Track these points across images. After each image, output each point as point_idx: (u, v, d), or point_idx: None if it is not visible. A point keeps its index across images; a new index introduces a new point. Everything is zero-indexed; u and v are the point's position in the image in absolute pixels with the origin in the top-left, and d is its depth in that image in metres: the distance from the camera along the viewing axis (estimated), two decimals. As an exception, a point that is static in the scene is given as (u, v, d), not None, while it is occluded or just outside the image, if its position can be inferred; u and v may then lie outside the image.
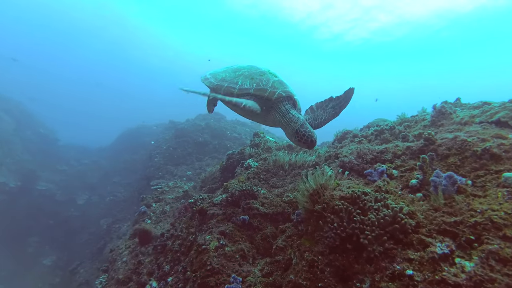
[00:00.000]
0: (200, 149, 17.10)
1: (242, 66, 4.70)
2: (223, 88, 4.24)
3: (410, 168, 3.52)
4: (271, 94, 3.91)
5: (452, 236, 2.34)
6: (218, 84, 4.40)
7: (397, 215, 2.54)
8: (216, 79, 4.53)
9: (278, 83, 4.09)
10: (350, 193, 2.94)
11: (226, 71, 4.68)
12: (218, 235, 4.60)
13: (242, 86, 4.08)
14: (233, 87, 4.14)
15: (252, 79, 4.12)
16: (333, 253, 2.79)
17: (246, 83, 4.10)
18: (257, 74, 4.22)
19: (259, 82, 4.06)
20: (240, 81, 4.16)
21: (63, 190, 17.24)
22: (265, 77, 4.16)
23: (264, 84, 4.02)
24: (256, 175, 6.41)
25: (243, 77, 4.22)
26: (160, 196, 9.63)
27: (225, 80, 4.36)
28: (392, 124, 5.07)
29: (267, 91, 3.94)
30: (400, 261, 2.35)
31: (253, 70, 4.40)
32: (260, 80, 4.08)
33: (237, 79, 4.23)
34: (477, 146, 3.12)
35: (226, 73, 4.55)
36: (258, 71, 4.34)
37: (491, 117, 3.49)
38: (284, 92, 3.97)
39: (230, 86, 4.19)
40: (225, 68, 5.07)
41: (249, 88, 4.01)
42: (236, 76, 4.33)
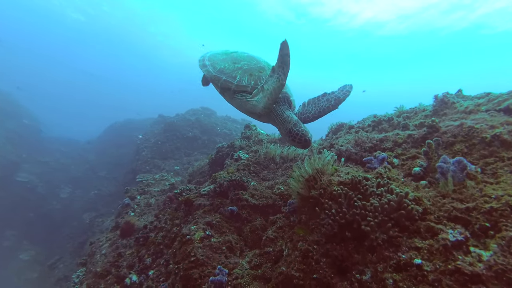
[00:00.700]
0: (189, 144, 16.74)
1: (242, 56, 4.58)
2: (220, 81, 4.13)
3: (412, 156, 3.30)
4: None
5: (464, 224, 2.10)
6: (216, 75, 4.27)
7: (403, 201, 2.29)
8: (215, 69, 4.39)
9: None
10: (350, 178, 2.69)
11: (226, 60, 4.51)
12: (204, 226, 4.30)
13: (240, 82, 3.98)
14: (231, 82, 4.03)
15: (251, 75, 4.01)
16: (330, 242, 2.53)
17: (244, 79, 3.99)
18: (256, 70, 4.10)
19: (257, 79, 3.94)
20: (239, 76, 4.04)
21: (45, 183, 16.59)
22: (264, 75, 4.04)
23: (262, 82, 3.87)
24: (246, 167, 6.13)
25: (242, 72, 4.09)
26: (146, 189, 9.25)
27: (223, 72, 4.22)
28: (391, 115, 4.86)
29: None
30: (406, 250, 2.10)
31: (253, 64, 4.27)
32: (258, 78, 3.96)
33: (236, 73, 4.10)
34: (485, 132, 2.91)
35: (225, 63, 4.39)
36: (257, 66, 4.21)
37: (499, 104, 3.29)
38: (281, 93, 3.89)
39: (228, 80, 4.07)
40: (223, 52, 4.89)
41: (247, 85, 3.92)
42: (235, 69, 4.18)
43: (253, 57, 4.56)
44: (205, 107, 22.49)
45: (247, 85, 3.91)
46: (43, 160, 18.42)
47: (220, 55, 4.79)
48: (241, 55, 4.68)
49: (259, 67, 4.21)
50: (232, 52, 4.89)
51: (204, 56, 4.96)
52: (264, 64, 4.36)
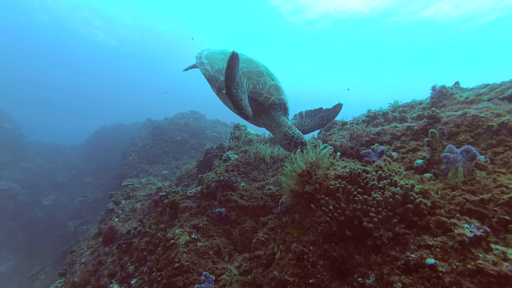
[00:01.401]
0: (178, 148, 16.34)
1: (241, 58, 4.43)
2: (218, 82, 4.09)
3: (412, 149, 3.07)
4: (266, 99, 3.92)
5: (479, 217, 1.85)
6: (213, 75, 4.22)
7: (408, 194, 2.04)
8: (213, 68, 4.34)
9: (274, 89, 4.08)
10: (348, 171, 2.43)
11: (224, 60, 4.41)
12: (190, 229, 3.98)
13: None
14: None
15: (249, 79, 4.02)
16: (328, 242, 2.25)
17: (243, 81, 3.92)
18: (255, 74, 4.11)
19: (256, 84, 3.98)
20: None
21: (27, 190, 15.92)
22: (262, 79, 4.09)
23: (261, 87, 3.98)
24: (235, 167, 5.84)
25: (241, 74, 3.98)
26: (131, 193, 8.84)
27: (222, 72, 4.11)
28: (386, 110, 4.66)
29: (262, 95, 3.92)
30: (415, 249, 1.84)
31: (252, 68, 4.27)
32: (257, 82, 4.00)
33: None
34: (491, 121, 2.70)
35: (223, 63, 4.29)
36: (256, 70, 4.22)
37: (502, 93, 3.10)
38: (278, 100, 4.00)
39: None
40: (221, 52, 4.82)
41: (246, 89, 3.86)
42: None
43: (252, 60, 4.52)
44: (194, 111, 22.12)
45: (246, 89, 3.85)
46: (25, 166, 17.73)
47: (218, 55, 4.71)
48: (241, 56, 4.56)
49: (258, 71, 4.20)
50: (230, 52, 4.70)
51: (201, 54, 4.88)
52: (263, 69, 4.35)
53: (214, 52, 4.86)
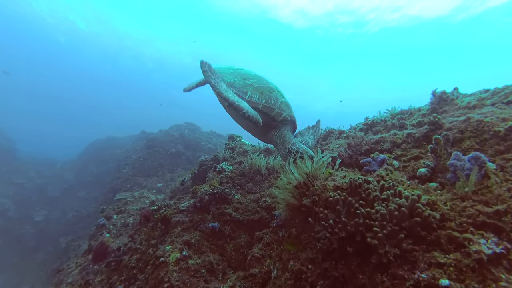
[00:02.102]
0: (173, 160, 16.08)
1: (250, 74, 4.61)
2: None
3: (414, 157, 2.90)
4: (278, 115, 3.92)
5: (495, 231, 1.67)
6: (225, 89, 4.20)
7: (415, 205, 1.86)
8: (224, 81, 4.25)
9: (285, 105, 4.11)
10: (348, 182, 2.24)
11: (234, 74, 4.50)
12: (181, 245, 3.75)
13: (251, 98, 3.98)
14: (242, 97, 3.99)
15: (261, 94, 4.04)
16: (329, 260, 2.05)
17: (255, 96, 4.00)
18: (266, 90, 4.15)
19: (268, 99, 4.00)
20: (250, 93, 4.05)
21: (18, 206, 15.51)
22: (274, 95, 4.12)
23: (272, 103, 3.99)
24: (230, 179, 5.64)
25: (253, 89, 4.11)
26: (123, 207, 8.55)
27: (233, 86, 4.19)
28: (384, 117, 4.51)
29: (275, 111, 3.92)
30: (426, 268, 1.65)
31: (263, 84, 4.32)
32: (269, 98, 4.03)
33: (247, 89, 4.11)
34: (498, 126, 2.54)
35: (234, 77, 4.37)
36: (267, 87, 4.26)
37: (506, 97, 2.97)
38: (289, 116, 4.02)
39: (239, 94, 4.03)
40: (229, 68, 4.89)
41: (258, 103, 3.92)
42: (245, 85, 4.20)
43: (261, 77, 4.58)
44: (189, 123, 21.95)
45: (258, 103, 3.90)
46: (17, 181, 17.33)
47: (226, 69, 4.76)
48: (249, 72, 4.70)
49: (269, 87, 4.24)
50: (238, 68, 4.89)
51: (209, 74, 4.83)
52: (273, 86, 4.39)
53: (221, 68, 4.89)
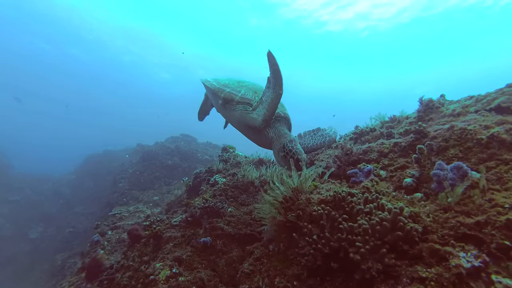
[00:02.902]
0: (169, 172, 16.01)
1: (245, 80, 4.71)
2: (224, 93, 4.17)
3: (400, 166, 2.89)
4: None
5: (477, 243, 1.66)
6: (219, 88, 4.36)
7: (398, 219, 1.85)
8: (218, 83, 4.51)
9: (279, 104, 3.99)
10: (332, 195, 2.23)
11: (229, 79, 4.65)
12: (171, 262, 3.70)
13: (244, 95, 4.01)
14: (235, 94, 4.07)
15: (255, 93, 4.07)
16: (313, 277, 2.02)
17: (248, 94, 4.02)
18: (260, 90, 4.14)
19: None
20: (243, 91, 4.09)
21: (13, 223, 15.33)
22: None
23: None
24: (223, 191, 5.60)
25: (246, 89, 4.17)
26: (118, 223, 8.47)
27: (227, 86, 4.30)
28: (373, 126, 4.52)
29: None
30: (408, 282, 1.63)
31: (257, 86, 4.38)
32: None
33: (240, 89, 4.16)
34: (480, 134, 2.55)
35: (228, 81, 4.51)
36: (261, 88, 4.22)
37: (488, 104, 2.98)
38: (283, 113, 4.01)
39: (233, 92, 4.11)
40: (226, 77, 4.99)
41: (251, 99, 3.93)
42: (239, 86, 4.28)
43: (257, 83, 4.65)
44: (185, 134, 21.95)
45: (251, 99, 3.92)
46: (11, 198, 17.16)
47: (222, 78, 4.90)
48: (245, 79, 4.81)
49: (262, 88, 4.14)
50: (234, 77, 5.01)
51: (206, 77, 5.13)
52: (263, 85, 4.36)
53: (218, 77, 5.03)
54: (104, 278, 5.05)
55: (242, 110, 3.95)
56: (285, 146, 3.55)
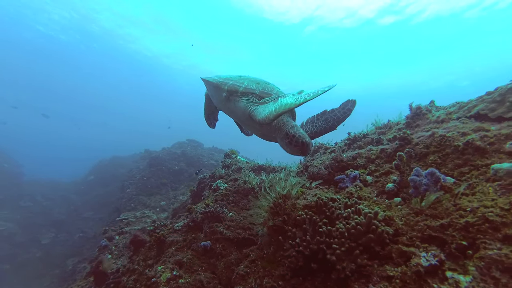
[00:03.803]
0: (175, 177, 16.28)
1: (245, 75, 4.68)
2: (228, 85, 4.17)
3: (385, 172, 3.05)
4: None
5: (440, 244, 1.82)
6: (222, 81, 4.35)
7: (371, 222, 2.02)
8: (220, 78, 4.54)
9: (282, 93, 4.08)
10: (315, 200, 2.41)
11: (230, 75, 4.64)
12: (172, 265, 3.90)
13: (248, 86, 4.05)
14: (239, 85, 4.09)
15: (258, 84, 4.13)
16: (296, 277, 2.20)
17: (251, 85, 4.08)
18: (262, 82, 4.24)
19: (264, 87, 4.06)
20: (246, 83, 4.13)
21: (25, 229, 15.74)
22: (270, 85, 4.19)
23: (269, 89, 4.03)
24: (224, 197, 5.80)
25: (249, 80, 4.22)
26: (125, 228, 8.73)
27: (230, 79, 4.32)
28: (366, 132, 4.68)
29: (272, 96, 3.87)
30: (378, 280, 1.80)
31: (258, 79, 4.42)
32: (265, 86, 4.09)
33: (243, 81, 4.20)
34: (457, 140, 2.70)
35: (230, 76, 4.54)
36: (263, 80, 4.35)
37: (469, 111, 3.13)
38: None
39: (236, 84, 4.13)
40: (228, 74, 5.01)
41: (255, 89, 3.98)
42: (241, 79, 4.31)
43: (257, 77, 4.67)
44: (191, 139, 22.27)
45: (255, 89, 3.97)
46: (23, 205, 17.63)
47: (223, 74, 4.90)
48: (245, 75, 4.77)
49: (265, 81, 4.34)
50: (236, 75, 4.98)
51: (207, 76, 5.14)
52: (270, 82, 4.43)
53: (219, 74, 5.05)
54: (111, 282, 5.28)
55: (247, 101, 3.97)
56: (288, 132, 3.49)
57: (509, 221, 1.64)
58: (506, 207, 1.72)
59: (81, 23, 34.03)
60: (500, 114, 2.81)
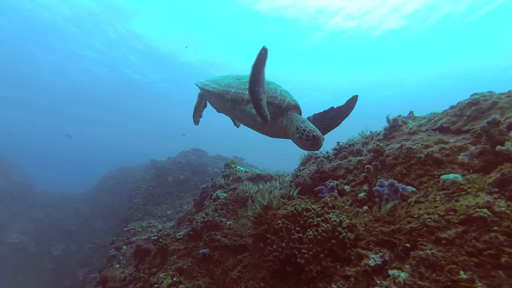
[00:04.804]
0: (181, 186, 16.70)
1: (243, 75, 4.54)
2: (231, 94, 4.07)
3: (360, 182, 3.36)
4: (282, 102, 3.88)
5: (390, 247, 2.14)
6: (223, 89, 4.20)
7: (336, 229, 2.34)
8: (220, 85, 4.33)
9: (285, 92, 4.10)
10: (292, 211, 2.75)
11: (227, 78, 4.53)
12: (173, 272, 4.25)
13: None
14: (242, 93, 3.98)
15: None
16: (274, 278, 2.53)
17: None
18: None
19: (267, 90, 3.95)
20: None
21: (37, 241, 16.27)
22: (272, 86, 4.14)
23: (272, 92, 3.98)
24: (224, 206, 6.15)
25: None
26: (132, 238, 9.12)
27: (230, 86, 4.18)
28: (352, 142, 4.99)
29: (277, 98, 3.90)
30: (338, 279, 2.12)
31: None
32: (268, 88, 4.01)
33: (244, 86, 4.07)
34: (420, 152, 3.02)
35: (228, 80, 4.38)
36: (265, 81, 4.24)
37: (435, 124, 3.44)
38: (293, 101, 3.98)
39: (239, 92, 4.02)
40: (222, 76, 4.89)
41: None
42: (241, 83, 4.17)
43: None
44: (196, 149, 22.75)
45: None
46: (35, 217, 18.20)
47: (219, 77, 4.80)
48: (241, 74, 4.64)
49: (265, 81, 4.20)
50: (229, 74, 4.89)
51: (201, 80, 5.01)
52: (271, 82, 4.39)
53: (214, 78, 4.94)
54: (119, 289, 5.65)
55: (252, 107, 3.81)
56: (298, 127, 3.57)
57: (442, 226, 1.95)
58: (442, 213, 2.03)
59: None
60: (459, 127, 3.13)
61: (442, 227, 1.94)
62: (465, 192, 2.21)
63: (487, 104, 3.04)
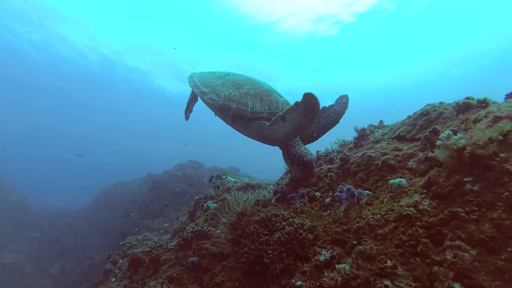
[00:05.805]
0: (177, 199, 16.92)
1: (240, 79, 4.49)
2: (232, 110, 3.98)
3: (328, 188, 3.70)
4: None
5: (342, 244, 2.46)
6: (224, 103, 4.09)
7: (297, 231, 2.66)
8: (219, 96, 4.20)
9: (286, 105, 4.11)
10: (262, 217, 3.06)
11: (225, 84, 4.38)
12: (163, 280, 4.52)
13: (254, 109, 3.90)
14: (245, 110, 3.92)
15: (261, 100, 4.01)
16: (246, 278, 2.83)
17: (257, 105, 3.93)
18: (264, 94, 4.12)
19: (269, 104, 3.99)
20: (250, 103, 3.95)
21: (34, 260, 16.31)
22: (273, 98, 4.13)
23: (275, 106, 3.99)
24: (214, 216, 6.44)
25: (251, 97, 4.03)
26: (128, 251, 9.32)
27: (231, 99, 4.07)
28: (330, 150, 5.33)
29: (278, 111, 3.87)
30: (298, 275, 2.43)
31: (257, 88, 4.25)
32: (270, 102, 4.03)
33: (245, 99, 4.01)
34: (378, 160, 3.37)
35: (228, 89, 4.25)
36: (263, 90, 4.22)
37: (394, 133, 3.80)
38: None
39: (241, 108, 3.94)
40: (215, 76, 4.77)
41: (262, 111, 3.89)
42: (242, 95, 4.09)
43: (252, 80, 4.52)
44: (192, 161, 23.04)
45: (262, 111, 3.88)
46: (32, 236, 18.26)
47: (214, 79, 4.65)
48: (238, 77, 4.55)
49: (265, 90, 4.22)
50: (223, 74, 4.77)
51: (194, 80, 4.88)
52: (268, 87, 4.38)
53: (206, 77, 4.82)
54: (114, 301, 5.88)
55: (258, 127, 3.88)
56: (289, 153, 3.74)
57: (381, 224, 2.28)
58: (383, 213, 2.36)
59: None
60: (413, 136, 3.49)
61: (381, 224, 2.27)
62: (406, 194, 2.56)
63: (435, 114, 3.41)
